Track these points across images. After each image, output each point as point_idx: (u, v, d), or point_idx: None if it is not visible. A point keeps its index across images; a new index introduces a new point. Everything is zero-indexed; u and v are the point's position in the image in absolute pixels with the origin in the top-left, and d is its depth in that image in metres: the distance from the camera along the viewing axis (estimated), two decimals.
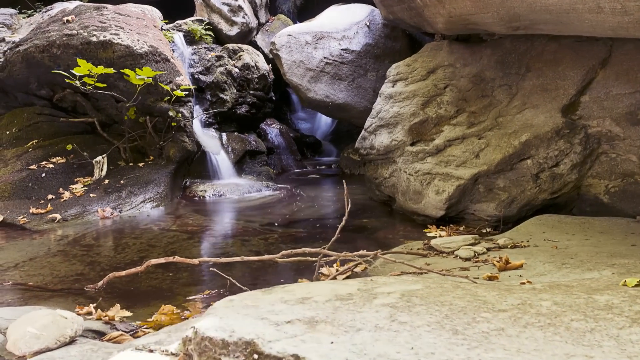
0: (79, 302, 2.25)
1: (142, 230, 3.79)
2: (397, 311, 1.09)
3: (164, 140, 5.25)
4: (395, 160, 4.26)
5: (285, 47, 6.00)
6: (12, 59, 4.97)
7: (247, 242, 3.39)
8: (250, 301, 1.17)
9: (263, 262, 2.51)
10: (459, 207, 3.54)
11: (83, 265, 2.89)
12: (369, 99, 6.41)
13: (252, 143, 6.38)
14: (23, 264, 2.92)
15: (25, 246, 3.33)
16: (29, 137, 4.96)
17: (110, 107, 5.29)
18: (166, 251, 3.20)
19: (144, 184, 4.69)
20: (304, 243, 3.35)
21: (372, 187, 4.74)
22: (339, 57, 6.23)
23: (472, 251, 2.57)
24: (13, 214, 4.04)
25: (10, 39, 7.53)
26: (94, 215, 4.17)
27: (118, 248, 3.28)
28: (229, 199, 5.11)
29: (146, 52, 4.97)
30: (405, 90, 4.55)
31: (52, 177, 4.55)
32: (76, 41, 4.79)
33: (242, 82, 6.46)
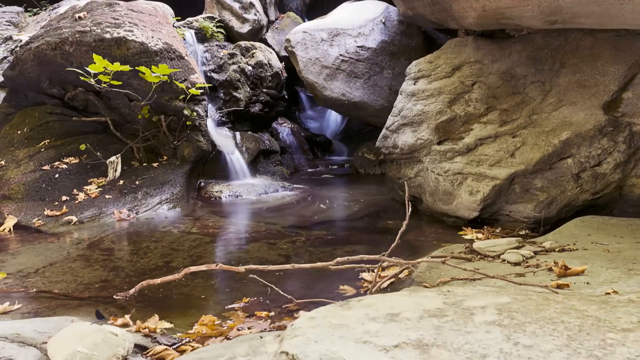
0: (110, 311, 2.11)
1: (162, 233, 3.66)
2: (510, 331, 0.96)
3: (178, 139, 5.12)
4: (421, 160, 4.12)
5: (301, 44, 5.87)
6: (23, 56, 4.83)
7: (273, 245, 3.25)
8: (334, 319, 1.04)
9: (299, 268, 2.37)
10: (493, 208, 3.41)
11: (106, 271, 2.75)
12: (385, 97, 6.28)
13: (265, 142, 6.24)
14: (43, 269, 2.79)
15: (43, 250, 3.19)
16: (41, 137, 4.82)
17: (123, 106, 5.15)
18: (190, 255, 3.07)
19: (160, 185, 4.55)
20: (333, 246, 3.22)
21: (395, 188, 4.60)
22: (354, 55, 6.10)
23: (519, 255, 2.43)
24: (27, 216, 3.90)
25: (17, 37, 7.40)
26: (110, 217, 4.04)
27: (140, 252, 3.14)
28: (246, 199, 4.98)
29: (161, 49, 4.83)
30: (428, 87, 4.41)
31: (66, 178, 4.41)
32: (89, 38, 4.65)
33: (255, 80, 6.32)
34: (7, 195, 4.08)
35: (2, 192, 4.11)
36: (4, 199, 4.06)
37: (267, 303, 2.13)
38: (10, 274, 2.68)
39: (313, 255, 3.00)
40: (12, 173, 4.35)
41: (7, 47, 7.30)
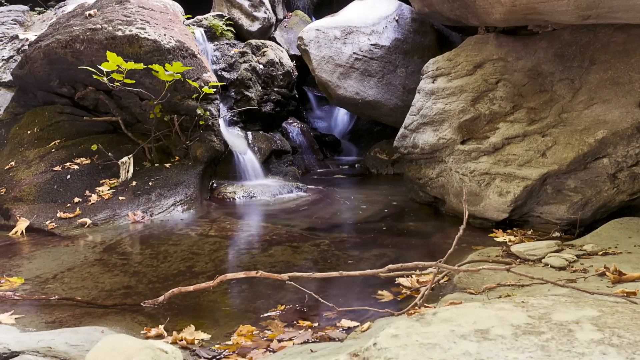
0: (139, 320, 2.00)
1: (179, 235, 3.55)
2: (629, 352, 0.85)
3: (191, 139, 5.01)
4: (443, 160, 4.02)
5: (314, 43, 5.76)
6: (33, 55, 4.72)
7: (297, 249, 3.14)
8: (420, 336, 0.93)
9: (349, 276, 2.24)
10: (523, 209, 3.30)
11: (127, 277, 2.64)
12: (399, 96, 6.18)
13: (277, 142, 6.14)
14: (62, 274, 2.68)
15: (59, 254, 3.08)
16: (51, 137, 4.71)
17: (134, 106, 5.04)
18: (212, 259, 2.96)
19: (174, 186, 4.44)
20: (360, 250, 3.10)
21: (415, 188, 4.49)
22: (368, 53, 5.99)
23: (562, 259, 2.32)
24: (40, 218, 3.80)
25: (23, 36, 7.29)
26: (125, 219, 3.93)
27: (159, 256, 3.03)
28: (261, 201, 4.87)
29: (173, 47, 4.72)
30: (449, 86, 4.31)
31: (78, 179, 4.30)
32: (101, 36, 4.54)
33: (266, 79, 6.21)
34: (18, 197, 3.97)
35: (14, 193, 4.00)
36: (15, 201, 3.95)
37: (305, 311, 2.02)
38: (28, 280, 2.57)
39: (341, 260, 2.89)
40: (22, 174, 4.24)
41: (14, 46, 7.19)
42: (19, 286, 2.48)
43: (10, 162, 4.41)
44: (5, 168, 4.35)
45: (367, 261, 2.87)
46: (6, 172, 4.31)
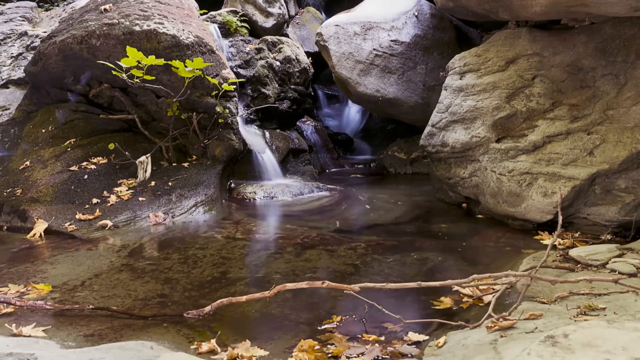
0: (185, 333, 1.85)
1: (205, 238, 3.39)
2: None
3: (209, 138, 4.86)
4: (477, 159, 3.86)
5: (334, 38, 5.60)
6: (47, 51, 4.57)
7: (333, 253, 2.99)
8: None
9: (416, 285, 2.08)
10: (569, 210, 3.15)
11: (160, 284, 2.49)
12: (419, 94, 6.02)
13: (294, 141, 5.98)
14: (90, 281, 2.53)
15: (83, 259, 2.93)
16: (66, 136, 4.56)
17: (150, 103, 4.89)
18: (246, 265, 2.81)
19: (194, 186, 4.29)
20: (401, 253, 2.95)
21: (444, 188, 4.34)
22: (388, 49, 5.84)
23: (630, 265, 2.17)
24: (58, 220, 3.64)
25: (32, 32, 7.13)
26: (146, 221, 3.78)
27: (188, 261, 2.88)
28: (282, 201, 4.71)
29: (192, 42, 4.57)
30: (479, 82, 4.15)
31: (95, 179, 4.15)
32: (118, 31, 4.38)
33: (283, 76, 6.06)
34: (35, 198, 3.82)
35: (30, 194, 3.85)
36: (32, 202, 3.80)
37: (364, 322, 1.87)
38: (55, 287, 2.41)
39: (383, 265, 2.73)
40: (38, 174, 4.09)
41: (23, 42, 7.03)
42: (47, 294, 2.33)
43: (25, 161, 4.25)
44: (20, 168, 4.20)
45: (411, 266, 2.72)
46: (21, 171, 4.16)
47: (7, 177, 4.14)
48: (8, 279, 2.54)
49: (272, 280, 2.50)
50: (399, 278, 2.49)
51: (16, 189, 3.96)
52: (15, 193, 3.91)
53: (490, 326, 1.55)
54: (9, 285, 2.40)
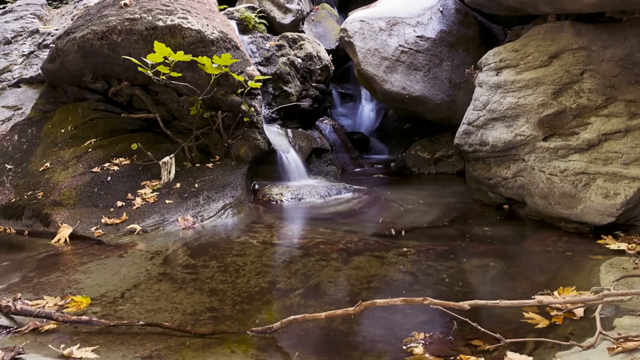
0: (255, 355, 1.66)
1: (240, 244, 3.21)
2: None
3: (233, 137, 4.67)
4: (522, 158, 3.68)
5: (359, 34, 5.42)
6: (66, 47, 4.38)
7: (383, 259, 2.80)
8: None
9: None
10: (632, 212, 2.97)
11: (206, 296, 2.30)
12: (445, 91, 5.84)
13: (317, 140, 5.80)
14: (129, 293, 2.34)
15: (116, 267, 2.74)
16: (86, 136, 4.37)
17: (171, 102, 4.70)
18: (294, 274, 2.62)
19: (221, 188, 4.10)
20: (457, 260, 2.76)
21: (482, 189, 4.15)
22: (414, 45, 5.65)
23: None
24: (83, 224, 3.46)
25: (44, 30, 6.95)
26: (174, 224, 3.59)
27: (229, 270, 2.69)
28: (310, 203, 4.53)
29: (217, 38, 4.38)
30: (519, 78, 3.97)
31: (118, 181, 3.96)
32: (140, 26, 4.20)
33: (304, 73, 5.87)
34: (58, 201, 3.63)
35: (53, 197, 3.67)
36: (55, 205, 3.61)
37: (451, 340, 1.68)
38: (94, 300, 2.23)
39: (442, 272, 2.55)
40: (59, 176, 3.90)
41: (34, 40, 6.86)
42: (87, 307, 2.14)
43: (44, 162, 4.07)
44: (40, 169, 4.01)
45: (473, 274, 2.53)
46: (41, 173, 3.97)
47: (27, 179, 3.96)
48: (41, 290, 2.36)
49: (328, 291, 2.31)
50: (466, 288, 2.31)
51: (37, 191, 3.78)
52: (36, 196, 3.72)
53: (612, 347, 1.37)
54: (44, 298, 2.21)
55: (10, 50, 6.81)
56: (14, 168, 4.16)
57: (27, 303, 2.05)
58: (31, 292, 2.35)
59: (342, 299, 2.22)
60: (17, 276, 2.64)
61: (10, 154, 4.34)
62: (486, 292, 2.26)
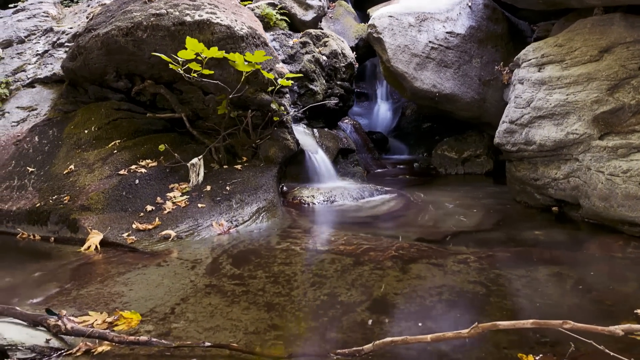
0: None
1: (283, 251, 3.01)
2: None
3: (261, 137, 4.48)
4: (575, 158, 3.48)
5: (388, 30, 5.22)
6: (89, 45, 4.19)
7: (443, 268, 2.61)
8: None
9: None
10: None
11: (263, 311, 2.11)
12: (475, 89, 5.64)
13: (343, 140, 5.61)
14: (179, 307, 2.15)
15: (157, 277, 2.55)
16: (109, 137, 4.19)
17: (195, 101, 4.52)
18: (352, 284, 2.42)
19: (253, 190, 3.91)
20: (525, 267, 2.57)
21: (528, 190, 3.96)
22: (444, 42, 5.45)
23: None
24: (114, 230, 3.27)
25: (58, 28, 6.77)
26: (209, 230, 3.40)
27: (280, 280, 2.50)
28: (344, 206, 4.33)
29: (246, 34, 4.19)
30: (566, 74, 3.77)
31: (146, 184, 3.77)
32: (167, 22, 4.00)
33: (330, 71, 5.68)
34: (86, 206, 3.44)
35: (80, 201, 3.48)
36: (83, 210, 3.42)
37: None
38: (144, 316, 2.04)
39: (513, 282, 2.35)
40: (85, 179, 3.71)
41: (48, 39, 6.68)
42: (138, 325, 1.95)
43: (68, 165, 3.88)
44: (64, 172, 3.82)
45: (549, 284, 2.33)
46: (65, 176, 3.79)
47: (51, 182, 3.77)
48: (84, 305, 2.17)
49: (398, 304, 2.12)
50: (548, 300, 2.11)
51: (62, 195, 3.59)
52: (62, 200, 3.54)
53: None
54: (90, 314, 2.02)
55: (23, 49, 6.63)
56: (36, 171, 3.98)
57: (74, 320, 1.86)
58: (73, 306, 2.16)
59: (417, 314, 2.02)
60: (53, 288, 2.45)
61: (32, 156, 4.15)
62: (572, 305, 2.07)
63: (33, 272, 2.73)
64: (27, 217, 3.61)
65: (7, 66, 6.39)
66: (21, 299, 2.32)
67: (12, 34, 6.72)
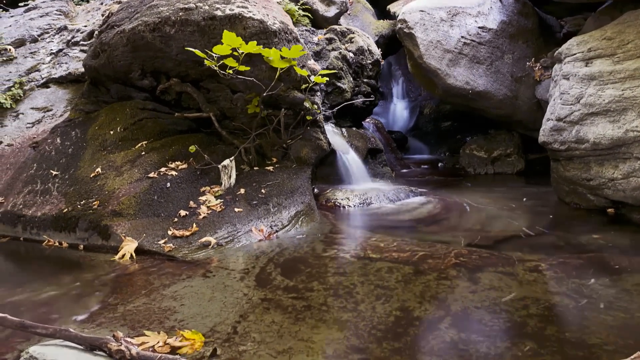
0: None
1: (333, 259, 2.81)
2: None
3: (292, 137, 4.28)
4: (636, 156, 3.28)
5: (420, 25, 5.02)
6: (113, 41, 3.99)
7: (516, 277, 2.41)
8: None
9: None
10: None
11: (336, 330, 1.91)
12: (507, 86, 5.44)
13: (371, 140, 5.41)
14: (241, 326, 1.95)
15: (207, 290, 2.35)
16: (135, 138, 3.99)
17: (223, 100, 4.32)
18: (423, 298, 2.23)
19: (290, 193, 3.71)
20: (608, 276, 2.36)
21: (579, 191, 3.76)
22: (476, 37, 5.25)
23: None
24: (149, 237, 3.07)
25: (73, 26, 6.58)
26: (249, 236, 3.20)
27: (340, 293, 2.30)
28: (382, 208, 4.13)
29: (279, 29, 3.99)
30: (619, 68, 3.57)
31: (177, 187, 3.57)
32: (197, 16, 3.80)
33: (356, 68, 5.48)
34: (117, 211, 3.24)
35: (111, 207, 3.28)
36: (114, 216, 3.22)
37: None
38: (206, 336, 1.84)
39: (602, 294, 2.15)
40: (114, 183, 3.51)
41: (62, 38, 6.49)
42: (202, 347, 1.75)
43: (95, 168, 3.68)
44: (91, 175, 3.63)
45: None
46: (92, 180, 3.59)
47: (77, 186, 3.57)
48: (136, 323, 1.97)
49: (483, 320, 1.92)
50: None
51: (91, 200, 3.39)
52: (91, 205, 3.34)
53: None
54: (146, 334, 1.82)
55: (37, 48, 6.44)
56: (60, 174, 3.78)
57: (132, 342, 1.66)
58: (124, 324, 1.96)
59: (510, 332, 1.82)
60: (95, 303, 2.25)
61: (54, 158, 3.96)
62: None
63: (68, 284, 2.53)
64: (53, 223, 3.41)
65: (20, 66, 6.20)
66: (63, 316, 2.12)
67: (25, 33, 6.53)
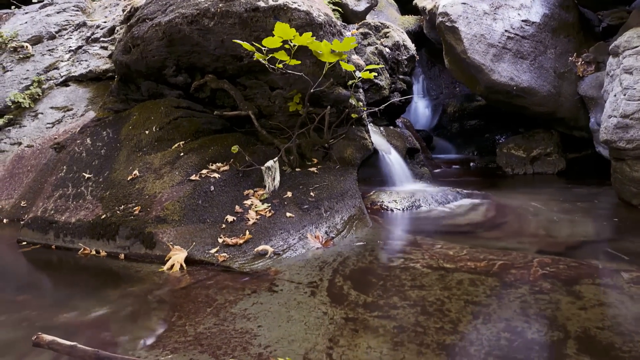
0: None
1: (403, 270, 2.57)
2: None
3: (334, 137, 4.04)
4: None
5: (463, 19, 4.78)
6: (147, 35, 3.75)
7: (619, 289, 2.17)
8: None
9: None
10: None
11: (444, 357, 1.67)
12: (551, 82, 5.20)
13: (409, 139, 5.17)
14: (335, 352, 1.71)
15: (280, 307, 2.11)
16: (171, 138, 3.75)
17: (260, 97, 4.07)
18: (524, 314, 1.98)
19: (340, 196, 3.48)
20: None
21: None
22: (519, 31, 5.01)
23: None
24: (199, 246, 2.83)
25: (92, 23, 6.34)
26: (305, 243, 2.96)
27: (429, 310, 2.06)
28: (433, 212, 3.89)
29: (324, 21, 3.75)
30: None
31: (221, 191, 3.34)
32: (238, 8, 3.56)
33: (392, 64, 5.24)
34: (161, 217, 3.00)
35: (154, 212, 3.04)
36: (159, 222, 2.98)
37: None
38: None
39: None
40: (154, 186, 3.27)
41: (81, 34, 6.25)
42: None
43: (132, 170, 3.44)
44: (128, 178, 3.39)
45: None
46: (130, 183, 3.35)
47: (114, 190, 3.33)
48: (217, 350, 1.72)
49: (615, 345, 1.67)
50: None
51: (131, 205, 3.15)
52: (131, 211, 3.10)
53: None
54: None
55: (55, 45, 6.20)
56: (93, 177, 3.54)
57: None
58: (203, 351, 1.72)
59: None
60: (158, 323, 2.01)
61: (86, 160, 3.72)
62: None
63: (118, 301, 2.29)
64: (89, 230, 3.17)
65: (37, 64, 5.97)
66: (124, 340, 1.88)
67: (42, 30, 6.30)
